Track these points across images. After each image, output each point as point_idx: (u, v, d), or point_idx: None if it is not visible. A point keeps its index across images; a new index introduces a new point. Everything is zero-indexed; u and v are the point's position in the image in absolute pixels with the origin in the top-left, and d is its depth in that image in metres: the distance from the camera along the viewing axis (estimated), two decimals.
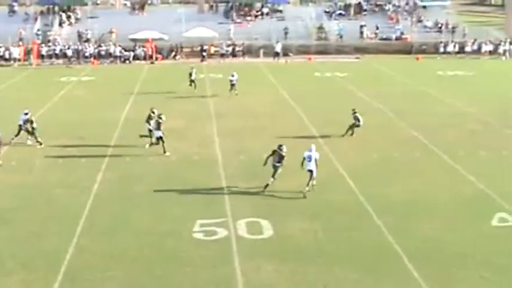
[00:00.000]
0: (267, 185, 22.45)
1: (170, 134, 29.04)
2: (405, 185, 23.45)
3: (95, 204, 21.82)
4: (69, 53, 55.44)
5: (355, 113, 29.58)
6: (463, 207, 21.28)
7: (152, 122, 27.84)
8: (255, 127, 31.56)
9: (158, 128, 26.93)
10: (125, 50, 57.31)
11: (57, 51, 57.15)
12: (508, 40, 60.58)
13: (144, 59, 57.36)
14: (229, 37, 60.41)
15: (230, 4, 69.00)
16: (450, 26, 64.06)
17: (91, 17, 65.31)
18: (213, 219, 20.30)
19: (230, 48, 58.15)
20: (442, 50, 59.82)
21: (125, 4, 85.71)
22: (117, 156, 26.72)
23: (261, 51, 58.69)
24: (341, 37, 61.87)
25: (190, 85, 40.29)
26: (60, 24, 63.02)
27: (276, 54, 56.95)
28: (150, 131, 27.95)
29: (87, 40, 59.62)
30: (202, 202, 21.82)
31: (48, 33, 60.65)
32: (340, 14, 67.53)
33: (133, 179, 24.35)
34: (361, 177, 24.31)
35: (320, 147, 28.13)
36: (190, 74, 40.33)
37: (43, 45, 57.79)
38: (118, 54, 57.01)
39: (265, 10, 67.65)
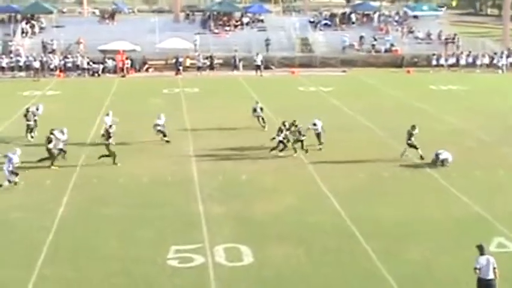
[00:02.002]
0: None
1: (143, 152, 29.14)
2: (395, 206, 23.64)
3: (60, 228, 21.71)
4: (36, 65, 55.29)
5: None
6: (456, 230, 21.47)
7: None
8: (234, 144, 31.68)
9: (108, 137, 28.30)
10: (94, 63, 57.34)
11: (20, 63, 57.02)
12: (505, 53, 61.41)
13: (115, 72, 57.39)
14: (195, 49, 60.24)
15: (208, 13, 69.42)
16: (443, 38, 64.95)
17: (57, 26, 65.48)
18: (188, 244, 20.28)
19: (207, 61, 58.37)
20: (434, 62, 60.54)
21: (94, 12, 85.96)
22: (85, 177, 26.65)
23: (241, 63, 58.99)
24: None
25: (259, 121, 35.17)
26: (23, 34, 62.90)
27: (257, 67, 57.20)
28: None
29: (53, 51, 59.57)
30: (176, 226, 21.82)
31: (10, 43, 60.49)
32: (325, 24, 68.21)
33: (102, 201, 24.29)
34: (348, 198, 24.47)
35: (303, 166, 28.37)
36: (255, 110, 35.14)
37: (3, 56, 57.63)
38: (86, 66, 57.01)
39: (245, 20, 68.15)
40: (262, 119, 34.74)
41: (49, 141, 27.95)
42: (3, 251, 20.00)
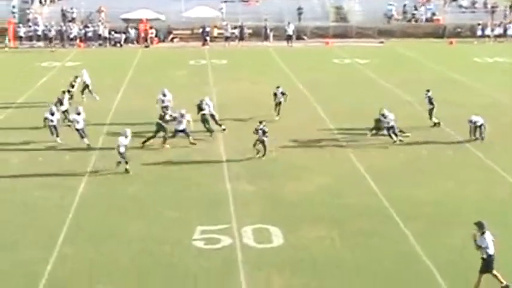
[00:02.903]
0: None
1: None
2: (435, 187, 23.49)
3: (80, 207, 21.95)
4: (53, 34, 55.56)
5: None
6: (500, 212, 21.28)
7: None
8: (264, 120, 31.50)
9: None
10: (116, 32, 57.52)
11: (38, 33, 57.39)
12: None
13: (138, 42, 57.51)
14: (222, 18, 60.06)
15: None
16: (489, 6, 63.93)
17: None
18: (215, 225, 20.38)
19: (236, 31, 58.19)
20: (479, 33, 59.69)
21: None
22: (108, 151, 26.79)
23: (271, 34, 58.73)
24: None
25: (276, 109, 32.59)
26: (41, 1, 63.21)
27: (289, 38, 56.94)
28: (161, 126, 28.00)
29: (72, 20, 59.82)
30: (203, 206, 21.91)
31: (27, 11, 60.87)
32: None
33: (125, 178, 24.48)
34: (385, 178, 24.36)
35: (338, 144, 28.26)
36: (275, 94, 32.33)
37: (21, 25, 58.01)
38: (107, 36, 57.20)
39: None
40: (279, 104, 31.83)
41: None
42: (23, 230, 20.26)
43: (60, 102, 30.31)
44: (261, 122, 26.53)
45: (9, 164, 26.12)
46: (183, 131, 27.70)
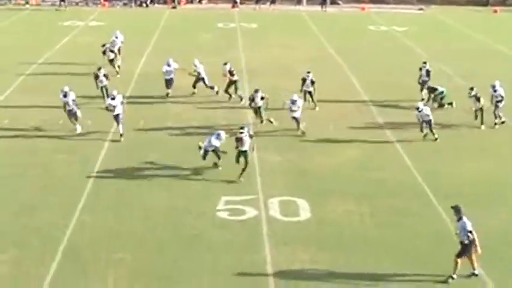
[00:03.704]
0: None
1: (193, 95, 29.25)
2: (474, 165, 23.30)
3: (101, 173, 22.18)
4: None
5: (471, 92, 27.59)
6: None
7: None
8: (294, 87, 31.42)
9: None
10: None
11: None
12: None
13: (165, 2, 57.42)
14: None
15: None
16: None
17: None
18: (240, 196, 20.47)
19: None
20: None
21: None
22: (130, 118, 26.94)
23: None
24: None
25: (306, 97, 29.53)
26: None
27: (323, 2, 56.55)
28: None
29: None
30: (228, 176, 21.97)
31: None
32: None
33: (147, 146, 24.62)
34: (421, 154, 24.22)
35: (370, 115, 28.10)
36: (304, 80, 29.66)
37: None
38: None
39: None
40: (311, 95, 29.40)
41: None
42: (43, 194, 20.52)
43: (96, 76, 28.98)
44: (256, 91, 26.50)
45: (29, 126, 26.37)
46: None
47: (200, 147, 22.40)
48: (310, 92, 28.98)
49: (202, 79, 30.16)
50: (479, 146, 25.20)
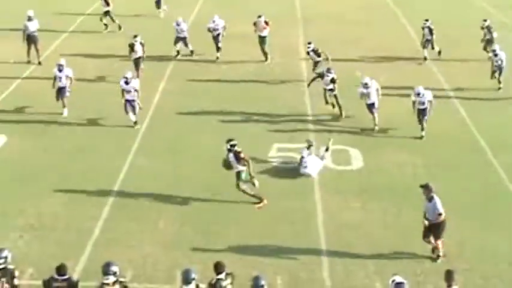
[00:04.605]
0: None
1: (248, 41, 28.99)
2: None
3: (154, 118, 22.53)
4: None
5: None
6: None
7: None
8: (347, 37, 31.18)
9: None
10: None
11: None
12: None
13: None
14: None
15: None
16: None
17: None
18: (292, 143, 20.54)
19: None
20: None
21: None
22: (183, 62, 27.01)
23: None
24: None
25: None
26: None
27: None
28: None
29: None
30: (281, 123, 22.05)
31: None
32: None
33: (199, 90, 24.79)
34: (477, 104, 23.91)
35: (425, 65, 27.70)
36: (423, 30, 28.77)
37: None
38: None
39: None
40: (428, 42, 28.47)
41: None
42: (99, 138, 20.91)
43: (132, 46, 25.87)
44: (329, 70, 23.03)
45: (87, 69, 26.73)
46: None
47: None
48: (428, 40, 28.36)
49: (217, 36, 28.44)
50: None
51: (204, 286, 11.68)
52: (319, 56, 25.50)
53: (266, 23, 28.04)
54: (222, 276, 11.90)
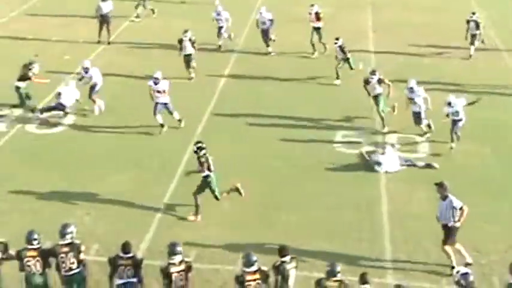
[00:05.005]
0: None
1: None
2: None
3: (219, 102, 22.73)
4: None
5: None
6: None
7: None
8: (418, 22, 30.58)
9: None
10: None
11: None
12: None
13: None
14: None
15: None
16: None
17: None
18: (357, 130, 20.46)
19: None
20: None
21: None
22: (245, 54, 26.94)
23: None
24: None
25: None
26: None
27: None
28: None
29: None
30: (347, 109, 21.91)
31: None
32: None
33: (266, 71, 24.94)
34: None
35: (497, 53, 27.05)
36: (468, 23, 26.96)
37: None
38: None
39: None
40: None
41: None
42: (166, 121, 20.94)
43: (180, 42, 24.55)
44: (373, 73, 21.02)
45: (152, 54, 27.01)
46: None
47: None
48: (474, 35, 26.47)
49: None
50: None
51: (266, 269, 11.76)
52: (345, 53, 23.81)
53: (317, 15, 26.31)
54: (286, 259, 11.98)
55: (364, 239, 15.29)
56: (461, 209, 13.83)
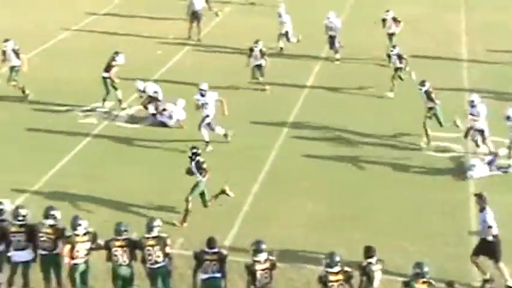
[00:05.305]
0: None
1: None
2: None
3: (308, 98, 22.84)
4: None
5: None
6: None
7: None
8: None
9: None
10: None
11: None
12: None
13: None
14: None
15: None
16: None
17: None
18: (447, 132, 20.11)
19: None
20: None
21: None
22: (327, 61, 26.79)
23: None
24: None
25: None
26: None
27: None
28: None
29: None
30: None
31: None
32: None
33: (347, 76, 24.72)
34: None
35: None
36: None
37: None
38: None
39: None
40: None
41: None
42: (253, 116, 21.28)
43: (251, 51, 23.46)
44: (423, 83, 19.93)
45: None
46: None
47: None
48: None
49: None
50: None
51: (350, 269, 11.71)
52: (401, 62, 22.58)
53: (395, 20, 25.50)
54: (373, 260, 11.95)
55: (450, 243, 15.09)
56: (489, 227, 13.40)
